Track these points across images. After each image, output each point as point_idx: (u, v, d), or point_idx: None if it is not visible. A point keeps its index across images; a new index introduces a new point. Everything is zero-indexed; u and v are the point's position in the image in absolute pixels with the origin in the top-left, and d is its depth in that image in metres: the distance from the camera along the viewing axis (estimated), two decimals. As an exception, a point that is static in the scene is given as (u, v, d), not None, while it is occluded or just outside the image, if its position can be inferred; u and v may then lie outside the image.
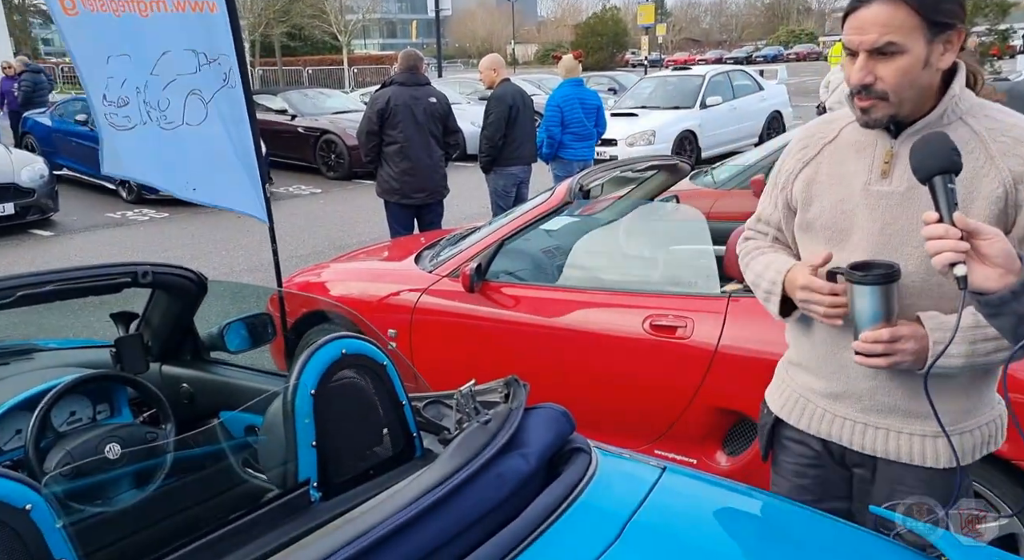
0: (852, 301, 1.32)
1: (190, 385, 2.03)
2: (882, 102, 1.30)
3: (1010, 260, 1.12)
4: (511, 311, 2.90)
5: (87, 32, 2.91)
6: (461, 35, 76.14)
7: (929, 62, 1.27)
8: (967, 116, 1.34)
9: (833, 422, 1.50)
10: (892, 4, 1.24)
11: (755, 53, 57.98)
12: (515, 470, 1.26)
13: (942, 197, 1.17)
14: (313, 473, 1.31)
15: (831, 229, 1.44)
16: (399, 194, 5.19)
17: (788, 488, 1.59)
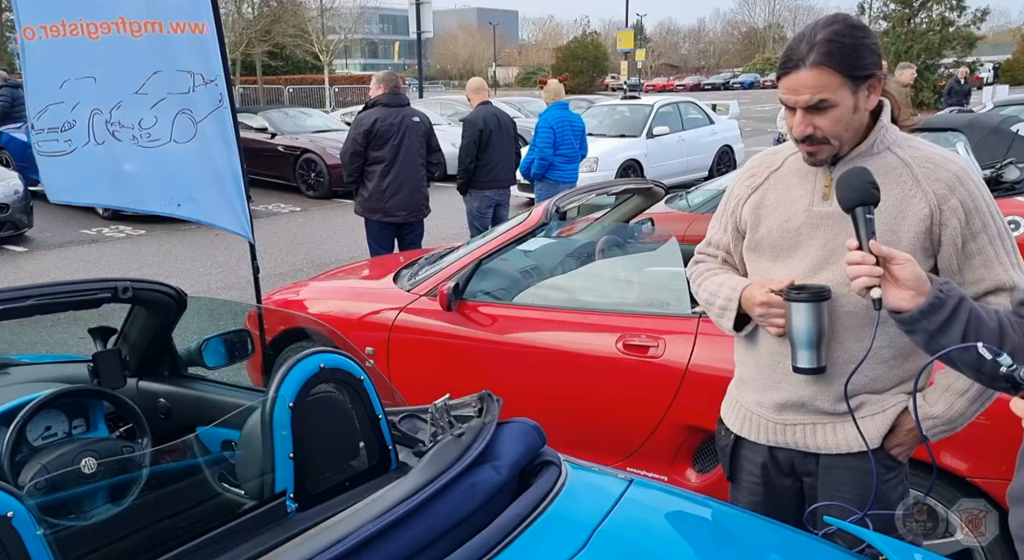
0: (789, 318, 1.48)
1: (167, 400, 2.04)
2: (825, 146, 1.47)
3: (920, 283, 1.24)
4: (488, 330, 2.95)
5: (40, 58, 2.93)
6: (443, 57, 76.81)
7: (858, 107, 1.44)
8: (894, 146, 1.50)
9: (785, 430, 1.62)
10: (818, 68, 1.39)
11: (732, 80, 59.14)
12: (487, 481, 1.31)
13: (862, 227, 1.30)
14: (290, 484, 1.34)
15: (778, 247, 1.57)
16: (382, 212, 5.21)
17: (745, 504, 1.69)
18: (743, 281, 1.63)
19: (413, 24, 16.93)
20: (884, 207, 1.44)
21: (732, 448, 1.72)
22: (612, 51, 49.30)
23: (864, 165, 1.46)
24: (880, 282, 1.26)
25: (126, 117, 3.01)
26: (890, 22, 23.50)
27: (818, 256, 1.52)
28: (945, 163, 1.47)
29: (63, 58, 2.93)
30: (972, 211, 1.45)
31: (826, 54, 1.38)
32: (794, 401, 1.57)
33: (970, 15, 23.34)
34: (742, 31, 79.04)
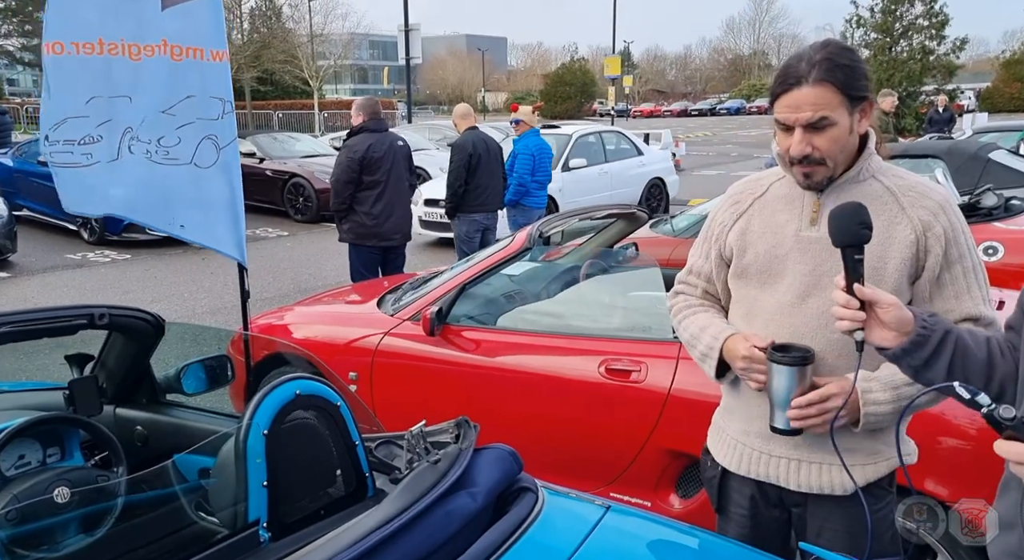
0: (770, 377, 1.46)
1: (144, 428, 2.02)
2: (821, 167, 1.47)
3: (903, 324, 1.26)
4: (471, 354, 2.94)
5: (66, 73, 2.97)
6: (432, 82, 77.42)
7: (853, 129, 1.46)
8: (879, 174, 1.52)
9: (769, 463, 1.60)
10: (821, 85, 1.41)
11: (719, 105, 59.92)
12: (463, 508, 1.30)
13: (850, 268, 1.30)
14: (263, 513, 1.32)
15: (765, 273, 1.57)
16: (377, 237, 5.14)
17: (733, 535, 1.67)
18: (725, 329, 1.61)
19: (402, 50, 17.10)
20: (872, 234, 1.41)
21: (720, 480, 1.70)
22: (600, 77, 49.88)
23: (850, 191, 1.48)
24: (863, 325, 1.27)
25: (145, 133, 3.06)
26: (872, 50, 23.94)
27: (805, 282, 1.51)
28: (929, 192, 1.50)
29: (95, 75, 2.98)
30: (952, 241, 1.47)
31: (828, 71, 1.40)
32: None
33: (950, 44, 23.80)
34: (728, 58, 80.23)
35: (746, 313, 1.62)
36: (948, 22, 23.55)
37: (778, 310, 1.54)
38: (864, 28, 24.27)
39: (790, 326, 1.51)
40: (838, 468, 1.51)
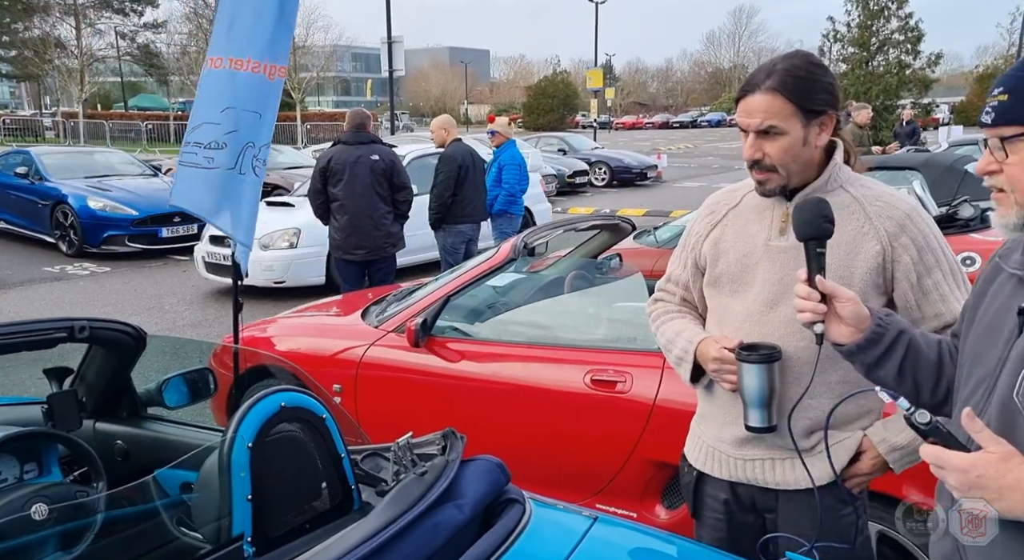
0: (741, 377, 1.50)
1: (125, 442, 1.99)
2: (774, 174, 1.51)
3: (860, 321, 1.28)
4: (456, 366, 2.93)
5: (214, 84, 3.20)
6: (415, 94, 77.55)
7: (807, 141, 1.48)
8: (847, 185, 1.55)
9: (744, 466, 1.63)
10: (772, 94, 1.45)
11: (700, 118, 60.50)
12: (450, 520, 1.29)
13: (812, 261, 1.33)
14: (248, 528, 1.31)
15: (737, 282, 1.60)
16: (342, 249, 5.24)
17: (709, 541, 1.69)
18: (699, 334, 1.65)
19: (385, 62, 17.11)
20: (838, 243, 1.48)
21: (695, 485, 1.72)
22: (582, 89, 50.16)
23: None
24: (824, 317, 1.30)
25: (263, 154, 3.26)
26: (849, 65, 24.33)
27: (774, 291, 1.54)
28: (895, 202, 1.53)
29: (236, 89, 3.18)
30: (924, 248, 1.50)
31: (781, 82, 1.44)
32: (753, 435, 1.58)
33: (925, 58, 24.25)
34: (708, 71, 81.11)
35: (719, 321, 1.65)
36: (923, 37, 24.01)
37: (747, 318, 1.57)
38: (841, 43, 24.68)
39: (759, 334, 1.54)
40: (810, 459, 1.53)
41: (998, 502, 1.00)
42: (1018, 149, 1.05)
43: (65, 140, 30.64)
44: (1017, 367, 1.04)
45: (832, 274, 1.45)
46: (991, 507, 1.01)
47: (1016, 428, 1.03)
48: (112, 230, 9.15)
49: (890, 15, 24.12)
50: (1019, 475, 0.98)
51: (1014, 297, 1.10)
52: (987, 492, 1.00)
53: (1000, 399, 1.06)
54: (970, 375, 1.16)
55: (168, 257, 9.31)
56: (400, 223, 5.41)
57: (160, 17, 38.44)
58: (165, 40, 38.24)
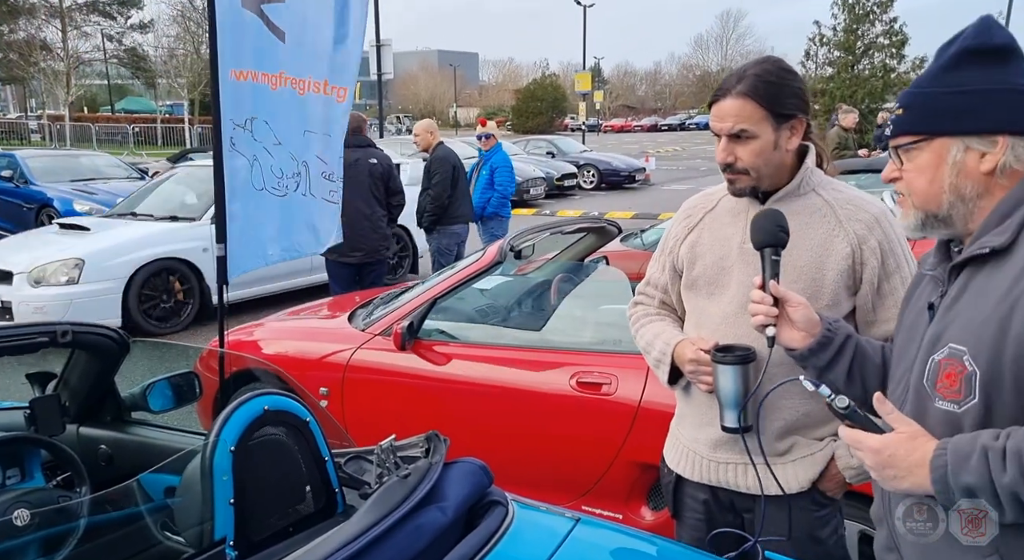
0: (716, 378, 1.52)
1: (109, 447, 1.98)
2: (744, 176, 1.54)
3: (811, 325, 1.34)
4: (442, 368, 2.94)
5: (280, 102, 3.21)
6: (404, 97, 77.46)
7: (778, 145, 1.51)
8: (819, 188, 1.58)
9: (718, 469, 1.65)
10: (743, 98, 1.48)
11: (688, 120, 60.75)
12: (432, 523, 1.30)
13: (767, 267, 1.37)
14: (230, 531, 1.31)
15: (712, 284, 1.63)
16: (337, 253, 5.22)
17: (689, 541, 1.71)
18: (676, 335, 1.67)
19: (374, 65, 17.10)
20: (810, 246, 1.51)
21: (674, 486, 1.74)
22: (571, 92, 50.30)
23: (791, 203, 1.53)
24: (776, 321, 1.34)
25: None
26: (835, 68, 24.53)
27: (747, 293, 1.55)
28: (865, 205, 1.56)
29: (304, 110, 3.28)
30: (888, 252, 1.53)
31: (752, 87, 1.47)
32: (728, 438, 1.60)
33: (909, 62, 24.48)
34: (696, 74, 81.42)
35: (696, 323, 1.68)
36: (907, 42, 24.22)
37: (723, 320, 1.60)
38: (827, 46, 24.87)
39: (734, 336, 1.56)
40: (781, 467, 1.57)
41: (908, 478, 1.07)
42: (912, 157, 1.15)
43: (51, 143, 30.41)
44: (926, 356, 1.13)
45: (804, 276, 1.49)
46: (900, 485, 1.09)
47: (927, 412, 1.12)
48: (98, 234, 9.07)
49: (875, 19, 24.34)
50: (925, 452, 1.05)
51: (928, 295, 1.20)
52: (898, 470, 1.08)
53: (914, 386, 1.15)
54: (895, 370, 1.25)
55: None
56: (392, 227, 5.47)
57: (147, 19, 38.23)
58: (152, 42, 38.03)
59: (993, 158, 1.09)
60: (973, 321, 1.07)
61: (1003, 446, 0.99)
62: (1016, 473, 0.97)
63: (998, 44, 1.10)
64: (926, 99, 1.13)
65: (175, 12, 35.43)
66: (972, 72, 1.10)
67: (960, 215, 1.13)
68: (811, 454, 1.59)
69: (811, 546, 1.59)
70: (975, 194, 1.12)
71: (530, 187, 14.83)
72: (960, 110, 1.10)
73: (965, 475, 1.01)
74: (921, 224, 1.16)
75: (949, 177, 1.12)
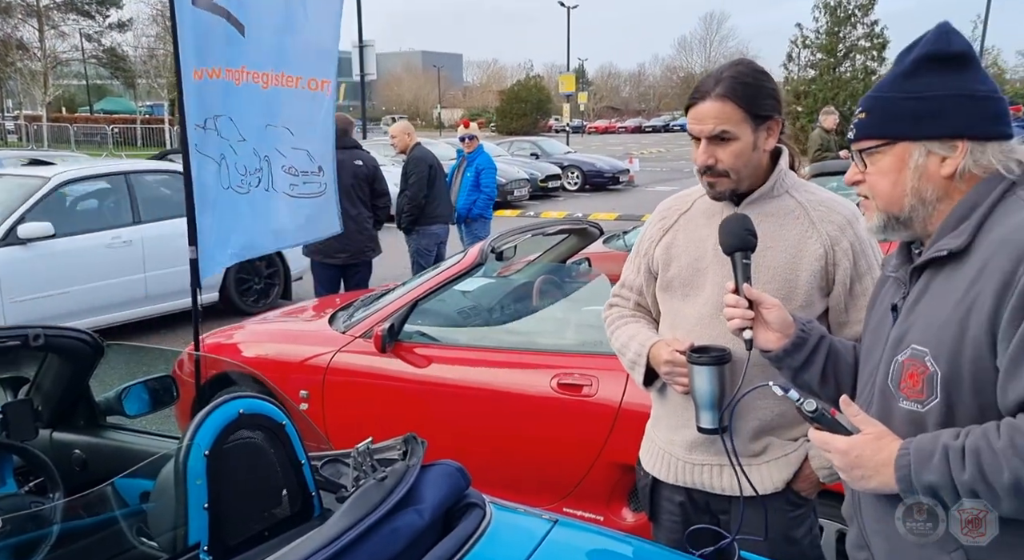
0: (692, 379, 1.52)
1: (83, 451, 1.96)
2: (724, 178, 1.55)
3: (785, 326, 1.35)
4: (423, 371, 2.93)
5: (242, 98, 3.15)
6: (387, 98, 77.27)
7: (757, 145, 1.53)
8: (792, 190, 1.60)
9: (693, 470, 1.66)
10: (722, 100, 1.49)
11: (672, 122, 61.06)
12: (409, 525, 1.29)
13: (739, 271, 1.39)
14: (204, 536, 1.30)
15: (688, 286, 1.64)
16: (322, 253, 5.24)
17: (666, 543, 1.72)
18: (652, 337, 1.68)
19: (357, 66, 17.04)
20: (784, 247, 1.52)
21: (651, 488, 1.75)
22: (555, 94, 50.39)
23: (765, 206, 1.55)
24: (752, 324, 1.35)
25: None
26: (817, 70, 24.78)
27: (722, 295, 1.56)
28: (837, 207, 1.57)
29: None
30: (860, 254, 1.55)
31: (730, 88, 1.49)
32: (703, 439, 1.61)
33: (890, 65, 24.76)
34: (680, 76, 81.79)
35: (671, 325, 1.68)
36: (888, 44, 24.51)
37: (699, 321, 1.60)
38: (809, 49, 25.11)
39: (710, 337, 1.57)
40: (755, 468, 1.58)
41: (875, 478, 1.10)
42: (875, 160, 1.18)
43: (28, 144, 30.02)
44: (890, 356, 1.15)
45: (778, 277, 1.51)
46: (868, 485, 1.11)
47: (892, 412, 1.14)
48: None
49: (856, 22, 24.61)
50: (891, 452, 1.08)
51: (892, 296, 1.22)
52: (865, 470, 1.10)
53: (879, 387, 1.18)
54: (863, 370, 1.27)
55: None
56: (378, 228, 5.47)
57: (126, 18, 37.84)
58: (131, 42, 37.66)
59: (953, 162, 1.12)
60: (933, 322, 1.10)
61: (962, 445, 1.02)
62: (974, 471, 1.00)
63: (956, 51, 1.12)
64: (887, 104, 1.16)
65: (154, 11, 35.07)
66: (932, 78, 1.12)
67: (920, 217, 1.16)
68: (785, 455, 1.60)
69: (786, 546, 1.60)
70: (935, 197, 1.14)
71: (514, 188, 14.83)
72: (921, 115, 1.12)
73: (927, 474, 1.04)
74: (883, 226, 1.19)
75: (911, 180, 1.14)
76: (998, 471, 0.99)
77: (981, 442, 1.01)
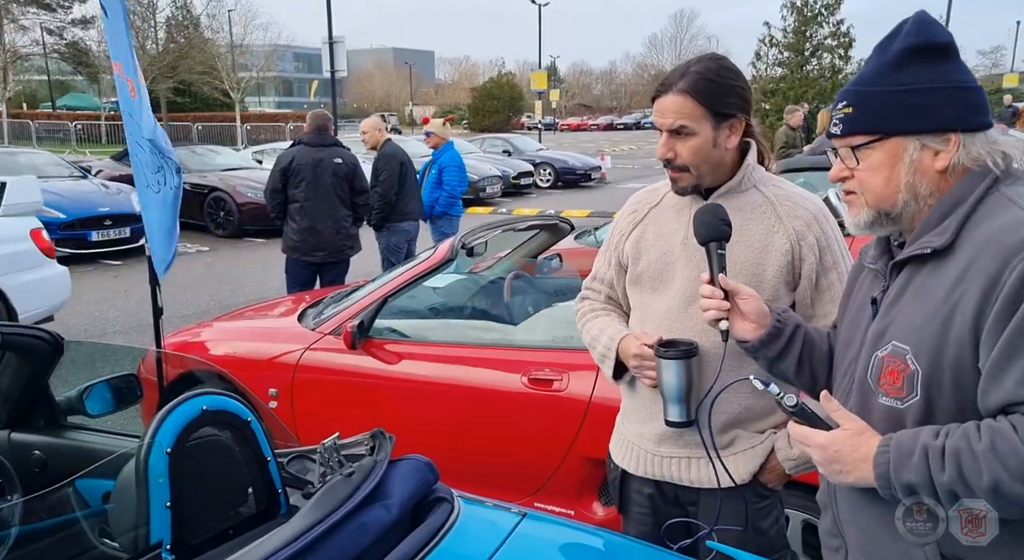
0: (660, 373, 1.53)
1: (42, 452, 1.91)
2: (685, 174, 1.55)
3: (761, 317, 1.35)
4: (394, 367, 2.92)
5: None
6: (359, 95, 76.60)
7: (717, 143, 1.53)
8: (760, 185, 1.60)
9: (662, 463, 1.67)
10: (683, 96, 1.50)
11: (643, 119, 61.40)
12: (377, 520, 1.29)
13: (714, 261, 1.39)
14: (167, 535, 1.27)
15: (656, 279, 1.64)
16: (299, 251, 5.21)
17: (636, 535, 1.72)
18: (621, 331, 1.68)
19: (327, 63, 16.86)
20: (751, 241, 1.53)
21: (620, 481, 1.75)
22: (527, 91, 50.39)
23: (733, 199, 1.55)
24: (728, 315, 1.35)
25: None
26: (785, 69, 25.11)
27: (692, 288, 1.58)
28: (803, 202, 1.59)
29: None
30: (825, 249, 1.56)
31: (692, 85, 1.49)
32: (671, 432, 1.62)
33: (856, 63, 25.19)
34: (651, 74, 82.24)
35: (640, 318, 1.69)
36: (854, 43, 24.92)
37: (667, 315, 1.61)
38: (777, 47, 25.43)
39: (679, 330, 1.58)
40: (724, 460, 1.58)
41: (853, 473, 1.10)
42: (866, 156, 1.15)
43: (-12, 141, 29.26)
44: (870, 351, 1.15)
45: (745, 271, 1.52)
46: (846, 479, 1.11)
47: (871, 407, 1.14)
48: (38, 234, 8.77)
49: (823, 21, 24.97)
50: (870, 448, 1.08)
51: (870, 289, 1.22)
52: (843, 465, 1.10)
53: (858, 381, 1.17)
54: (841, 361, 1.26)
55: (99, 262, 8.99)
56: (357, 226, 5.46)
57: (89, 13, 37.00)
58: (96, 37, 36.84)
59: (947, 156, 1.10)
60: (915, 320, 1.09)
61: (942, 445, 1.01)
62: (953, 472, 0.99)
63: (942, 42, 1.11)
64: (876, 97, 1.12)
65: (120, 6, 34.32)
66: (919, 69, 1.10)
67: (910, 213, 1.14)
68: (752, 447, 1.61)
69: (753, 537, 1.62)
70: (928, 192, 1.12)
71: (486, 185, 14.80)
72: (914, 108, 1.10)
73: (906, 473, 1.03)
74: (871, 222, 1.17)
75: (906, 176, 1.12)
76: (977, 474, 0.98)
77: (962, 443, 1.00)
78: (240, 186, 10.82)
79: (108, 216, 9.13)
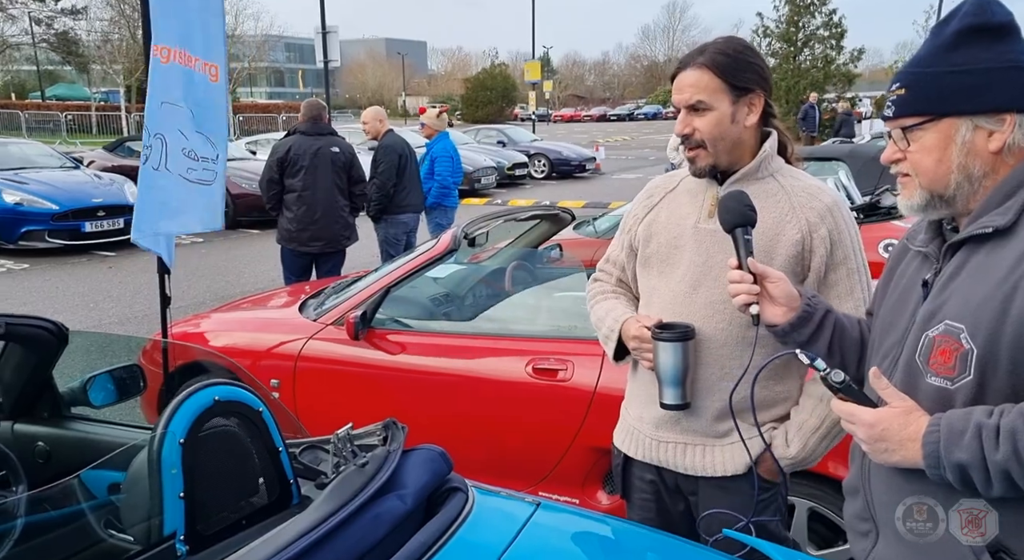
0: (656, 355, 1.53)
1: (46, 443, 1.90)
2: (702, 151, 1.55)
3: (791, 300, 1.35)
4: (396, 357, 2.90)
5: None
6: (351, 86, 76.19)
7: (736, 119, 1.53)
8: (777, 174, 1.60)
9: (660, 448, 1.66)
10: (700, 69, 1.51)
11: (636, 110, 61.35)
12: (392, 511, 1.28)
13: (741, 246, 1.38)
14: (180, 525, 1.26)
15: (665, 262, 1.64)
16: (296, 241, 5.15)
17: (639, 521, 1.72)
18: (626, 313, 1.69)
19: (319, 53, 16.73)
20: (761, 229, 1.52)
21: (623, 466, 1.75)
22: (521, 82, 50.26)
23: (748, 186, 1.55)
24: (758, 299, 1.34)
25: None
26: (777, 59, 25.11)
27: (697, 272, 1.58)
28: (819, 194, 1.57)
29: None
30: (837, 242, 1.55)
31: (710, 59, 1.50)
32: (669, 417, 1.62)
33: (848, 54, 25.20)
34: (644, 64, 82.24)
35: (647, 302, 1.69)
36: (845, 34, 24.94)
37: (672, 298, 1.61)
38: (770, 38, 25.42)
39: (684, 314, 1.58)
40: (719, 449, 1.59)
41: (899, 452, 1.09)
42: (917, 137, 1.13)
43: (-23, 131, 28.96)
44: (919, 332, 1.13)
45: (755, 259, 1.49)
46: (891, 458, 1.09)
47: (918, 388, 1.12)
48: (30, 225, 8.70)
49: (815, 11, 24.97)
50: (918, 427, 1.07)
51: (919, 271, 1.20)
52: (890, 443, 1.09)
53: (904, 362, 1.16)
54: (881, 344, 1.25)
55: (92, 253, 8.92)
56: (354, 216, 5.41)
57: (80, 3, 36.60)
58: (85, 27, 36.49)
59: (1001, 136, 1.09)
60: (972, 300, 1.07)
61: (996, 424, 1.00)
62: (1009, 451, 0.98)
63: (1000, 22, 1.09)
64: (930, 78, 1.11)
65: (109, -5, 34.05)
66: (975, 50, 1.09)
67: (964, 195, 1.12)
68: (748, 438, 1.59)
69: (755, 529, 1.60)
70: (982, 173, 1.10)
71: (481, 176, 14.75)
72: (967, 89, 1.08)
73: (958, 452, 1.01)
74: (925, 204, 1.15)
75: (958, 157, 1.10)
76: None
77: (1019, 422, 0.98)
78: (234, 177, 10.74)
79: (101, 207, 9.06)
